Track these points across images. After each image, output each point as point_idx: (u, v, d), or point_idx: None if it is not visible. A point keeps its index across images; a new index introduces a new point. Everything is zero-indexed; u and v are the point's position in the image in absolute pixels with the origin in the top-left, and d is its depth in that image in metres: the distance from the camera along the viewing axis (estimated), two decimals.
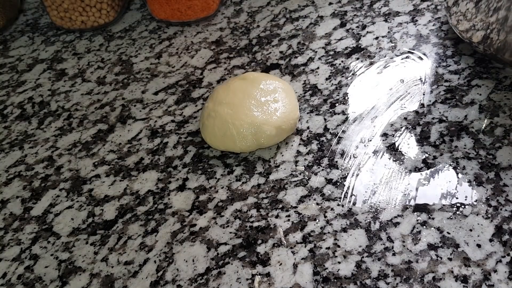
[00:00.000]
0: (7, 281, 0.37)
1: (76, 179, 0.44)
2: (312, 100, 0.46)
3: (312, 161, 0.41)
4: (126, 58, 0.57)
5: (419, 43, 0.50)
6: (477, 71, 0.45)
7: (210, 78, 0.52)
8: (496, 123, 0.40)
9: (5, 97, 0.55)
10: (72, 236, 0.39)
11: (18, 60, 0.60)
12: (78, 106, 0.52)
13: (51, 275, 0.37)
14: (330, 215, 0.37)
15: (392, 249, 0.34)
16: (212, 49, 0.56)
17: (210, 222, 0.38)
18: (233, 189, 0.40)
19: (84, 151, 0.47)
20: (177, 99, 0.50)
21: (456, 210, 0.35)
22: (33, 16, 0.68)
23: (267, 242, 0.36)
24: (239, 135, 0.41)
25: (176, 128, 0.47)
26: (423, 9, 0.54)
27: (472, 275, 0.32)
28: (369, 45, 0.51)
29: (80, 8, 0.59)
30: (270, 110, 0.42)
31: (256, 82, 0.44)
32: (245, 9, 0.61)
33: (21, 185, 0.45)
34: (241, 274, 0.35)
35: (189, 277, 0.35)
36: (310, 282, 0.33)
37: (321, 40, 0.53)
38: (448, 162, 0.38)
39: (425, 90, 0.45)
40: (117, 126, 0.49)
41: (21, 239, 0.40)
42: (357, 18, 0.55)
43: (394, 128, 0.42)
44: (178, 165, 0.43)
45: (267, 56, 0.53)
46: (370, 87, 0.46)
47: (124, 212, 0.40)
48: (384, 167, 0.39)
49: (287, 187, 0.39)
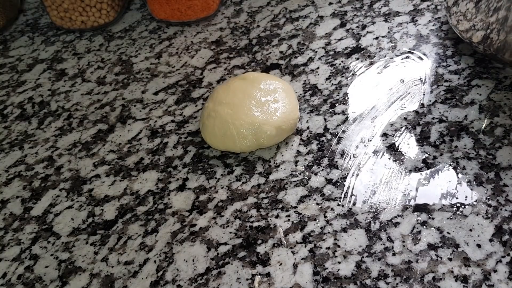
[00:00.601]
0: (7, 281, 0.37)
1: (76, 179, 0.44)
2: (312, 100, 0.46)
3: (312, 161, 0.41)
4: (126, 58, 0.57)
5: (419, 43, 0.50)
6: (477, 71, 0.45)
7: (210, 78, 0.52)
8: (496, 123, 0.40)
9: (5, 97, 0.55)
10: (72, 236, 0.39)
11: (18, 60, 0.60)
12: (78, 106, 0.52)
13: (51, 275, 0.37)
14: (330, 215, 0.37)
15: (392, 249, 0.34)
16: (212, 49, 0.56)
17: (210, 222, 0.38)
18: (233, 189, 0.40)
19: (84, 151, 0.47)
20: (177, 99, 0.50)
21: (456, 210, 0.35)
22: (33, 16, 0.68)
23: (267, 242, 0.36)
24: (239, 135, 0.41)
25: (176, 128, 0.47)
26: (423, 9, 0.54)
27: (472, 275, 0.32)
28: (369, 45, 0.51)
29: (80, 8, 0.59)
30: (270, 110, 0.42)
31: (256, 82, 0.44)
32: (245, 9, 0.61)
33: (21, 185, 0.45)
34: (241, 274, 0.35)
35: (189, 277, 0.35)
36: (310, 282, 0.33)
37: (321, 40, 0.53)
38: (448, 162, 0.38)
39: (425, 90, 0.45)
40: (117, 126, 0.49)
41: (21, 239, 0.40)
42: (357, 18, 0.55)
43: (394, 128, 0.42)
44: (178, 165, 0.43)
45: (267, 56, 0.53)
46: (370, 87, 0.46)
47: (124, 212, 0.40)
48: (384, 167, 0.39)
49: (287, 187, 0.39)
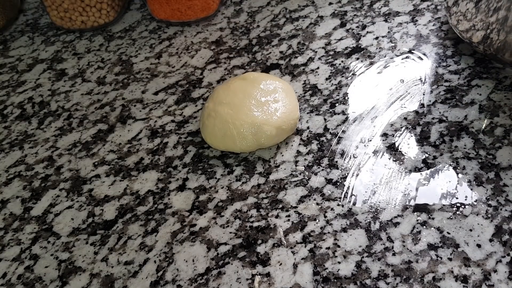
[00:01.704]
0: (7, 281, 0.37)
1: (76, 179, 0.44)
2: (312, 100, 0.46)
3: (312, 161, 0.41)
4: (126, 58, 0.57)
5: (419, 43, 0.50)
6: (477, 71, 0.45)
7: (210, 78, 0.52)
8: (496, 123, 0.40)
9: (5, 97, 0.55)
10: (72, 236, 0.39)
11: (18, 60, 0.60)
12: (78, 106, 0.52)
13: (51, 275, 0.37)
14: (330, 215, 0.37)
15: (392, 249, 0.34)
16: (212, 49, 0.56)
17: (210, 222, 0.38)
18: (233, 189, 0.40)
19: (84, 151, 0.47)
20: (177, 99, 0.50)
21: (456, 210, 0.35)
22: (33, 16, 0.68)
23: (267, 242, 0.36)
24: (239, 135, 0.41)
25: (176, 128, 0.47)
26: (423, 9, 0.54)
27: (472, 275, 0.32)
28: (369, 45, 0.51)
29: (80, 8, 0.59)
30: (270, 110, 0.42)
31: (256, 82, 0.44)
32: (245, 9, 0.61)
33: (21, 185, 0.45)
34: (241, 274, 0.35)
35: (189, 277, 0.35)
36: (310, 282, 0.33)
37: (321, 40, 0.53)
38: (448, 162, 0.38)
39: (425, 90, 0.45)
40: (117, 126, 0.49)
41: (21, 239, 0.40)
42: (357, 18, 0.55)
43: (394, 128, 0.42)
44: (178, 165, 0.43)
45: (267, 56, 0.53)
46: (370, 87, 0.46)
47: (124, 212, 0.40)
48: (384, 167, 0.39)
49: (287, 187, 0.39)
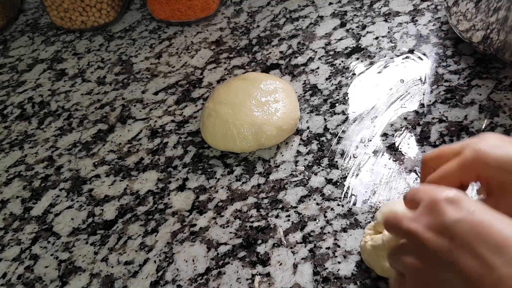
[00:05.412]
0: (7, 281, 0.37)
1: (76, 179, 0.44)
2: (312, 100, 0.46)
3: (312, 161, 0.41)
4: (126, 58, 0.57)
5: (419, 43, 0.50)
6: (477, 71, 0.45)
7: (210, 78, 0.52)
8: (496, 123, 0.40)
9: (5, 97, 0.55)
10: (72, 236, 0.39)
11: (18, 60, 0.60)
12: (78, 106, 0.52)
13: (51, 275, 0.37)
14: (330, 215, 0.37)
15: None
16: (212, 49, 0.56)
17: (210, 222, 0.38)
18: (233, 189, 0.40)
19: (84, 151, 0.47)
20: (177, 99, 0.50)
21: None
22: (33, 16, 0.68)
23: (267, 242, 0.36)
24: (240, 135, 0.41)
25: (176, 128, 0.47)
26: (423, 9, 0.54)
27: None
28: (369, 45, 0.51)
29: (80, 8, 0.59)
30: (270, 110, 0.42)
31: (256, 82, 0.44)
32: (245, 9, 0.61)
33: (21, 185, 0.45)
34: (241, 274, 0.35)
35: (189, 277, 0.35)
36: (310, 282, 0.33)
37: (321, 40, 0.53)
38: None
39: (425, 90, 0.45)
40: (117, 126, 0.49)
41: (21, 239, 0.40)
42: (357, 18, 0.55)
43: (394, 128, 0.42)
44: (178, 165, 0.43)
45: (267, 56, 0.53)
46: (370, 87, 0.46)
47: (124, 212, 0.40)
48: (384, 167, 0.39)
49: (287, 187, 0.39)
